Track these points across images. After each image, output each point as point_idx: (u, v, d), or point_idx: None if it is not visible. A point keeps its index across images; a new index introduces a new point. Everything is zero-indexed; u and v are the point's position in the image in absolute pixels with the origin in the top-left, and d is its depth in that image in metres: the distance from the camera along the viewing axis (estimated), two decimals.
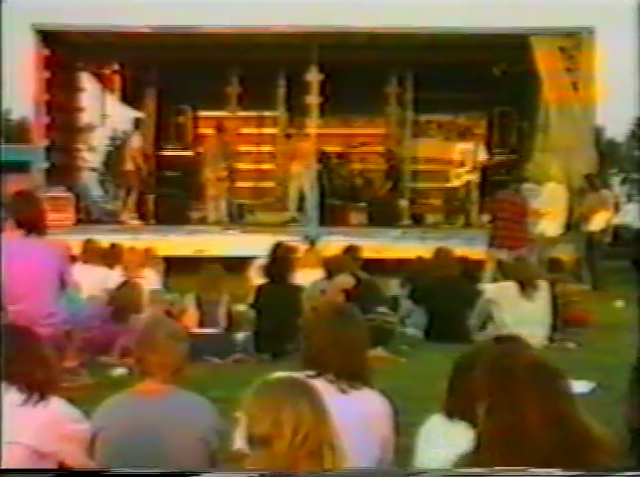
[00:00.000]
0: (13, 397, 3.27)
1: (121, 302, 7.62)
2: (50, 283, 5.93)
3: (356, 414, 3.08)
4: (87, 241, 9.65)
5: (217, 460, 3.25)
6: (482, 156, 14.61)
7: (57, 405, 3.31)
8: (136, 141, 14.81)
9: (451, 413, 2.92)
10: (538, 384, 2.12)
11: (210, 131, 15.97)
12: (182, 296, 8.35)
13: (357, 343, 3.29)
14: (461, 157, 14.54)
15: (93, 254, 9.25)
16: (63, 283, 6.01)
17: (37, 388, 3.29)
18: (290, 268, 8.92)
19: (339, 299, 7.51)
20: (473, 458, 2.17)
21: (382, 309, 8.00)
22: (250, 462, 2.43)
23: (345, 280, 7.87)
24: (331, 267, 8.34)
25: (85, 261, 8.89)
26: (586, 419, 2.18)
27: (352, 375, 3.20)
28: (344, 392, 3.15)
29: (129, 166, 14.59)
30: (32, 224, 5.91)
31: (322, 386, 2.99)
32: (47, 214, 6.72)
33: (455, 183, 14.62)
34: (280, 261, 9.12)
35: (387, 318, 7.86)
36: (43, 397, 3.28)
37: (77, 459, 3.26)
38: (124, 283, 8.05)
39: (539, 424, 2.07)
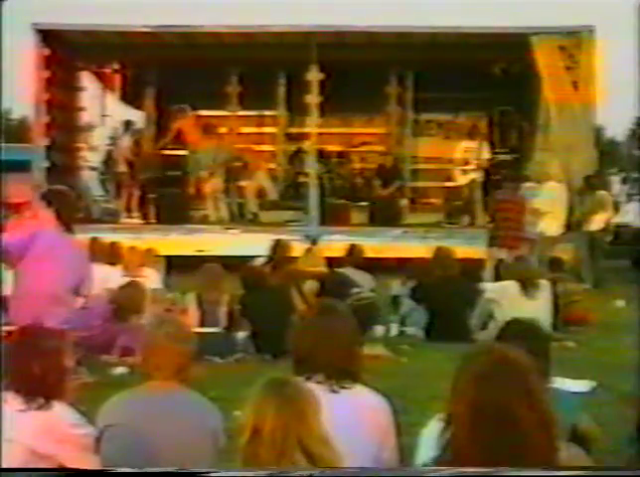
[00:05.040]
0: (16, 399, 3.27)
1: (123, 302, 7.61)
2: (70, 283, 5.95)
3: (349, 413, 3.06)
4: (93, 240, 9.64)
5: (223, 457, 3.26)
6: (485, 155, 14.60)
7: (59, 409, 3.30)
8: (126, 143, 14.84)
9: None
10: (511, 381, 2.11)
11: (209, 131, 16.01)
12: (183, 295, 8.35)
13: (343, 339, 3.24)
14: (465, 156, 14.53)
15: (97, 253, 9.24)
16: (78, 290, 6.03)
17: (43, 392, 3.28)
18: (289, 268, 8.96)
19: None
20: (449, 459, 2.16)
21: (354, 290, 8.02)
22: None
23: (309, 288, 7.97)
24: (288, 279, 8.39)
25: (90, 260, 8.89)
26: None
27: (341, 373, 3.17)
28: (334, 392, 3.13)
29: (121, 167, 14.64)
30: (69, 222, 5.96)
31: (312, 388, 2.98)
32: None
33: (459, 181, 14.60)
34: (280, 260, 9.16)
35: (359, 297, 7.86)
36: (47, 401, 3.28)
37: (74, 463, 3.25)
38: (127, 284, 8.03)
39: (512, 423, 2.06)
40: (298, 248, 11.05)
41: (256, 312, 7.64)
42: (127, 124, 15.21)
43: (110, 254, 9.81)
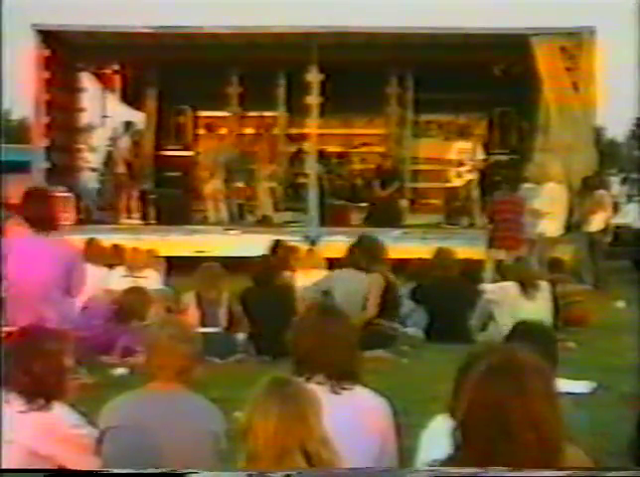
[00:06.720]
0: (16, 400, 3.27)
1: (126, 307, 7.59)
2: (60, 286, 5.90)
3: (349, 414, 3.06)
4: (90, 241, 9.66)
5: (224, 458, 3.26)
6: (479, 155, 14.63)
7: (58, 409, 3.30)
8: (125, 143, 14.84)
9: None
10: (515, 382, 2.11)
11: (210, 131, 16.07)
12: (180, 295, 8.32)
13: (343, 341, 3.25)
14: (460, 156, 14.56)
15: (95, 254, 9.25)
16: (71, 289, 5.99)
17: (43, 393, 3.28)
18: (289, 268, 8.92)
19: (377, 300, 7.57)
20: (455, 459, 2.16)
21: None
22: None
23: (378, 281, 7.79)
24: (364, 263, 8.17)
25: (87, 261, 8.88)
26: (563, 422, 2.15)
27: (341, 374, 3.17)
28: (335, 393, 3.13)
29: (120, 168, 14.64)
30: (42, 222, 5.88)
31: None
32: (58, 212, 6.52)
33: (455, 183, 14.62)
34: (280, 261, 9.12)
35: (393, 325, 7.87)
36: (48, 401, 3.28)
37: (74, 463, 3.25)
38: (132, 289, 8.02)
39: (514, 424, 2.06)
40: (298, 249, 11.06)
41: (257, 312, 7.63)
42: (127, 125, 15.22)
43: (110, 255, 9.82)
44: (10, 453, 3.12)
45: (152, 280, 9.37)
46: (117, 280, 9.05)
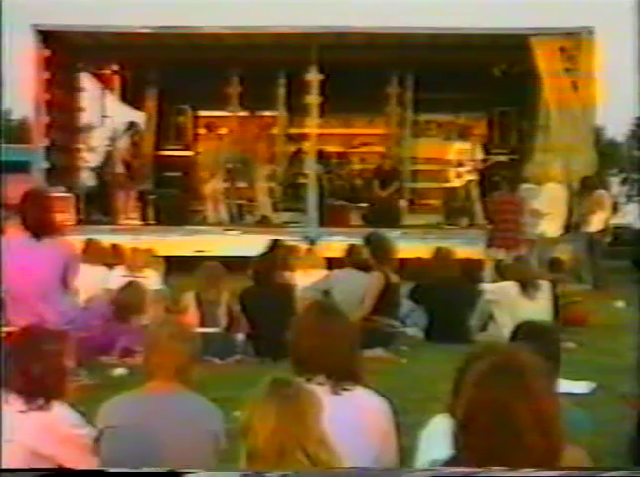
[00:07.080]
0: (16, 400, 3.27)
1: (125, 303, 7.59)
2: (58, 285, 5.90)
3: (349, 415, 3.06)
4: (89, 241, 9.66)
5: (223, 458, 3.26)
6: (479, 156, 14.64)
7: (58, 409, 3.30)
8: (125, 143, 14.82)
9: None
10: (515, 381, 2.11)
11: (210, 131, 16.07)
12: (182, 295, 8.32)
13: (343, 342, 3.25)
14: (459, 157, 14.57)
15: (95, 254, 9.26)
16: (65, 283, 5.98)
17: (43, 393, 3.28)
18: (289, 268, 8.90)
19: (373, 299, 7.56)
20: (455, 459, 2.16)
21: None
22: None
23: (380, 280, 7.77)
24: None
25: (87, 261, 8.90)
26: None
27: (342, 374, 3.17)
28: (335, 393, 3.13)
29: (120, 168, 14.64)
30: (39, 226, 5.86)
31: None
32: (54, 214, 6.44)
33: (455, 183, 14.63)
34: (279, 261, 9.11)
35: (391, 322, 7.86)
36: (47, 402, 3.28)
37: (74, 463, 3.25)
38: (129, 284, 8.01)
39: (514, 423, 2.06)
40: (298, 249, 11.07)
41: (256, 312, 7.62)
42: (127, 125, 15.22)
43: (109, 256, 9.83)
44: (10, 453, 3.12)
45: (151, 280, 9.37)
46: (117, 280, 9.05)
